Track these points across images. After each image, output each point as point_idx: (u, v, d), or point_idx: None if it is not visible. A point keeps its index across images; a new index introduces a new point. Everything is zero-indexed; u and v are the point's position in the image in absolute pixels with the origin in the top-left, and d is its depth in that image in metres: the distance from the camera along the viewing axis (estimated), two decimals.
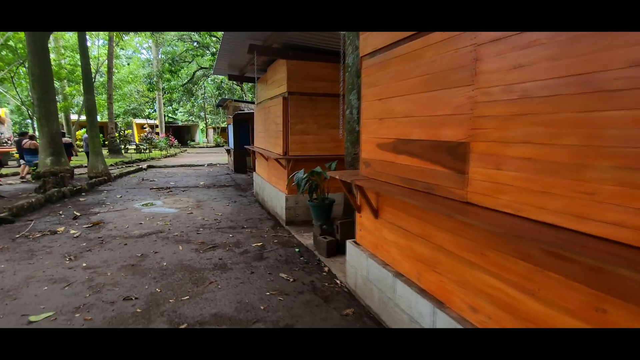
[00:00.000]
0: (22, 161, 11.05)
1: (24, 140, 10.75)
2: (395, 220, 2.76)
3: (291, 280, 3.76)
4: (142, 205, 7.58)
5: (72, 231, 5.52)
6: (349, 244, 3.51)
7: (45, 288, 3.56)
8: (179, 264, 4.24)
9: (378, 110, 2.85)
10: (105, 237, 5.26)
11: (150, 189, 9.71)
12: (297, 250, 4.70)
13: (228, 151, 15.17)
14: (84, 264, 4.19)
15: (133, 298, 3.36)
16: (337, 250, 4.42)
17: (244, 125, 13.18)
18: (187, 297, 3.39)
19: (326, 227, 4.58)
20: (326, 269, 4.05)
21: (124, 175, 12.30)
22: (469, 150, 1.95)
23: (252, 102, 12.96)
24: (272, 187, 6.82)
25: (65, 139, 11.53)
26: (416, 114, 2.37)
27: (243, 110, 11.77)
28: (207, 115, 42.60)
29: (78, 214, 6.63)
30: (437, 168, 2.21)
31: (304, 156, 5.84)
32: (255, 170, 8.79)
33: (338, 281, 3.74)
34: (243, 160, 13.60)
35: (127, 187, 9.89)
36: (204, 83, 33.10)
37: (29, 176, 10.74)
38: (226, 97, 30.12)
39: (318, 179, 4.59)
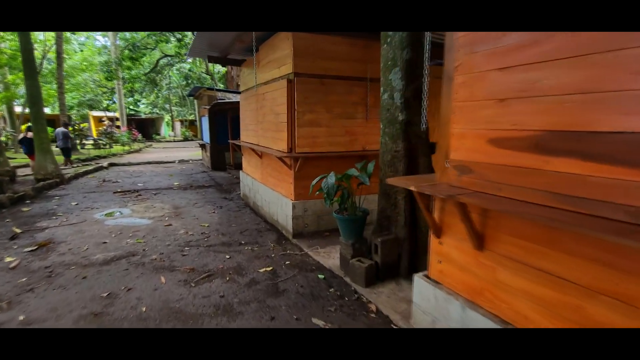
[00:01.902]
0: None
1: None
2: (529, 258, 1.76)
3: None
4: (105, 215, 6.15)
5: (8, 259, 4.10)
6: (419, 279, 2.49)
7: None
8: (164, 307, 3.04)
9: (497, 86, 1.82)
10: (56, 266, 3.91)
11: (114, 192, 8.18)
12: (321, 276, 3.62)
13: (203, 146, 13.66)
14: (22, 317, 2.88)
15: None
16: (377, 276, 3.41)
17: (222, 117, 11.75)
18: None
19: (358, 246, 3.54)
20: (372, 307, 3.01)
21: (80, 175, 10.54)
22: None
23: (232, 92, 11.56)
24: (269, 191, 5.66)
25: (31, 133, 10.00)
26: (609, 86, 1.37)
27: (223, 100, 10.36)
28: (172, 107, 39.98)
29: (18, 230, 5.14)
30: None
31: (315, 153, 4.74)
32: (242, 169, 7.55)
33: (396, 327, 2.72)
34: (221, 156, 12.20)
35: (85, 191, 8.28)
36: (168, 72, 30.72)
37: None
38: (195, 87, 27.95)
39: (349, 184, 3.52)
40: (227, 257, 4.18)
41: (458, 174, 2.08)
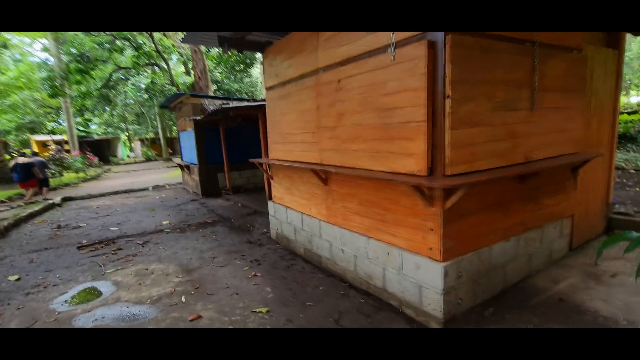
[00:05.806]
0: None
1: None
2: None
3: None
4: (72, 301, 3.60)
5: None
6: None
7: None
8: None
9: None
10: None
11: (79, 247, 5.50)
12: None
13: (185, 167, 11.03)
14: None
15: None
16: None
17: (213, 131, 9.33)
18: None
19: None
20: None
21: (22, 221, 7.57)
22: None
23: (232, 98, 9.13)
24: (357, 238, 3.46)
25: (24, 159, 9.25)
26: None
27: (228, 105, 7.96)
28: (129, 126, 36.08)
29: None
30: None
31: (476, 174, 2.65)
32: (272, 199, 5.25)
33: None
34: (213, 178, 9.71)
35: (32, 249, 5.53)
36: (124, 87, 27.24)
37: None
38: (158, 100, 24.60)
39: None
40: None
41: None
